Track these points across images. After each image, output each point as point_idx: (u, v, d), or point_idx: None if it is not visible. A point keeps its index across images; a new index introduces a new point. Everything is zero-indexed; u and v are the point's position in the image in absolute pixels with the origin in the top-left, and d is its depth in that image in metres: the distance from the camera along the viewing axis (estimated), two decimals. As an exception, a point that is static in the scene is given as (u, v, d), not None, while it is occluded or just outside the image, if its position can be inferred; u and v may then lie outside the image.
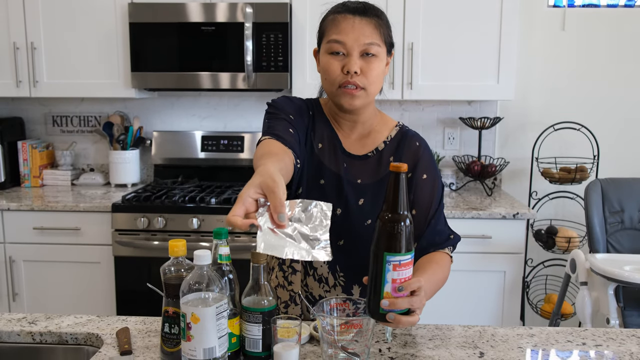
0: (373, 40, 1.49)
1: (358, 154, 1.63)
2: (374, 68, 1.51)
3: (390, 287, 1.18)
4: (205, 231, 3.04)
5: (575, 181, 3.34)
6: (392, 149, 1.63)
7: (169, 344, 1.33)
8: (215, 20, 3.20)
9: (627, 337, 1.53)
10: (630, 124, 3.64)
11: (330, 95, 1.58)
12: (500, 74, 3.23)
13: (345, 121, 1.64)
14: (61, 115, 3.81)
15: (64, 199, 3.24)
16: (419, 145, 1.64)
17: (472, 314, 3.10)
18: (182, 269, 1.31)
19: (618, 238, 2.96)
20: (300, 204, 1.17)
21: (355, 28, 1.49)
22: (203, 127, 3.76)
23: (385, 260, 1.17)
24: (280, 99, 1.64)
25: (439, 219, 1.60)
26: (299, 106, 1.64)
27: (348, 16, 1.50)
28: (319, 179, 1.60)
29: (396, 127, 1.68)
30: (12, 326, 1.54)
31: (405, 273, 1.18)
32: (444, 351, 1.42)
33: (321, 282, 1.65)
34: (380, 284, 1.18)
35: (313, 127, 1.64)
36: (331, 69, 1.51)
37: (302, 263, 1.67)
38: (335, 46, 1.50)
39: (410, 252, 1.19)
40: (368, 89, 1.52)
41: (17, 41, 3.33)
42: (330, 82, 1.53)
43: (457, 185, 3.63)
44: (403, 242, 1.17)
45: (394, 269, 1.17)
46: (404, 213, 1.18)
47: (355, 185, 1.61)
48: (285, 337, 1.31)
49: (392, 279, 1.17)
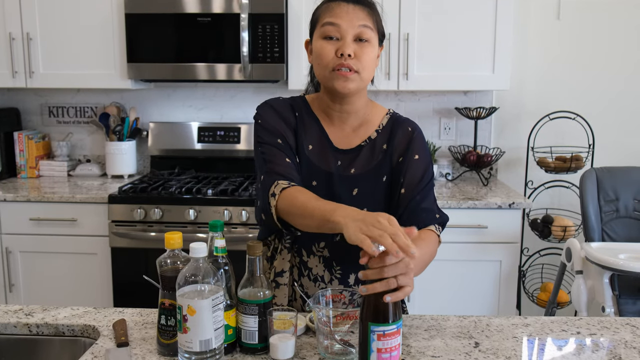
0: (366, 23, 1.52)
1: (350, 146, 1.63)
2: (367, 52, 1.52)
3: (375, 356, 1.18)
4: (202, 222, 3.04)
5: (570, 170, 3.35)
6: (385, 136, 1.64)
7: (166, 336, 1.33)
8: (211, 11, 3.19)
9: (622, 325, 1.54)
10: (625, 112, 3.65)
11: (323, 80, 1.57)
12: (496, 63, 3.23)
13: (337, 112, 1.63)
14: (57, 106, 3.80)
15: (60, 190, 3.24)
16: (411, 129, 1.65)
17: (468, 303, 3.12)
18: (178, 262, 1.32)
19: (613, 226, 2.97)
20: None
21: (349, 13, 1.51)
22: (199, 118, 3.75)
23: (369, 330, 1.18)
24: (266, 112, 1.63)
25: (426, 197, 1.59)
26: (285, 116, 1.62)
27: (342, 3, 1.53)
28: (310, 181, 1.60)
29: (387, 115, 1.68)
30: (8, 318, 1.55)
31: (390, 342, 1.18)
32: (439, 341, 1.43)
33: (317, 281, 1.64)
34: (366, 353, 1.19)
35: (302, 128, 1.63)
36: (324, 52, 1.52)
37: (294, 263, 1.65)
38: (329, 29, 1.51)
39: (396, 322, 1.18)
40: (361, 74, 1.52)
41: (13, 32, 3.32)
42: (323, 66, 1.53)
43: (453, 176, 3.64)
44: (388, 312, 1.17)
45: (379, 338, 1.17)
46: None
47: (349, 176, 1.61)
48: (281, 328, 1.31)
49: (377, 348, 1.18)
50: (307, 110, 1.66)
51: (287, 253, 1.65)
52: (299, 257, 1.65)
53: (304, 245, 1.64)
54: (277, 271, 1.66)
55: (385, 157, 1.62)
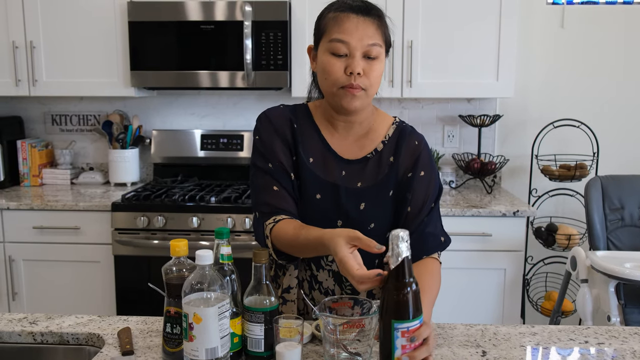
0: (376, 41, 1.47)
1: (356, 157, 1.60)
2: (375, 69, 1.49)
3: (400, 352, 1.18)
4: (205, 230, 3.03)
5: (575, 178, 3.34)
6: (391, 149, 1.61)
7: (171, 344, 1.32)
8: (214, 19, 3.19)
9: (630, 335, 1.53)
10: (629, 120, 3.64)
11: (328, 96, 1.54)
12: (500, 71, 3.23)
13: (341, 122, 1.60)
14: (60, 114, 3.80)
15: (63, 198, 3.24)
16: (417, 143, 1.62)
17: (472, 311, 3.10)
18: (184, 269, 1.31)
19: (618, 235, 2.96)
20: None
21: (359, 28, 1.46)
22: (202, 125, 3.75)
23: (393, 328, 1.17)
24: (263, 128, 1.62)
25: (431, 221, 1.58)
26: (282, 131, 1.60)
27: (351, 15, 1.47)
28: (314, 194, 1.57)
29: (393, 125, 1.65)
30: (12, 326, 1.54)
31: (413, 339, 1.19)
32: (446, 350, 1.42)
33: (327, 294, 1.62)
34: (389, 351, 1.19)
35: (302, 141, 1.60)
36: (333, 69, 1.47)
37: (305, 277, 1.64)
38: (338, 46, 1.46)
39: (418, 317, 1.19)
40: (368, 90, 1.50)
41: (16, 40, 3.32)
42: (331, 83, 1.49)
43: (457, 183, 3.63)
44: (410, 308, 1.17)
45: (402, 335, 1.18)
46: (409, 280, 1.18)
47: (355, 190, 1.58)
48: (287, 336, 1.30)
49: (402, 345, 1.18)
50: (309, 120, 1.63)
51: (294, 269, 1.64)
52: (310, 271, 1.63)
53: (314, 259, 1.62)
54: (284, 287, 1.65)
55: (391, 170, 1.59)
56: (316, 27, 1.56)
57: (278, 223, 1.49)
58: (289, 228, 1.46)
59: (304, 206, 1.57)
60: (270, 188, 1.55)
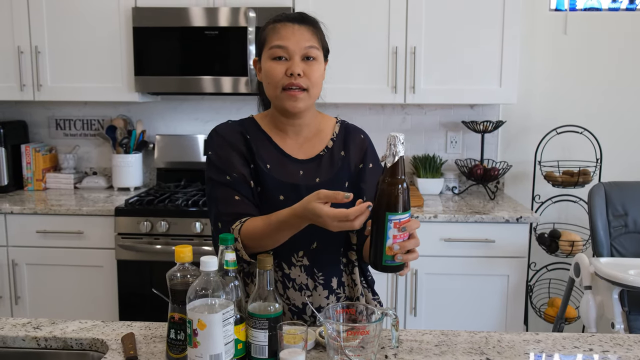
0: (312, 44, 1.60)
1: (310, 156, 1.71)
2: (315, 70, 1.61)
3: (391, 242, 1.31)
4: (208, 235, 3.03)
5: (578, 184, 3.34)
6: (340, 144, 1.73)
7: (175, 350, 1.32)
8: (218, 25, 3.20)
9: (635, 342, 1.53)
10: (633, 126, 3.64)
11: (273, 100, 1.65)
12: (503, 77, 3.23)
13: (290, 127, 1.70)
14: (64, 118, 3.81)
15: (66, 202, 3.24)
16: (363, 137, 1.77)
17: (475, 317, 3.10)
18: (188, 275, 1.31)
19: (622, 242, 2.96)
20: None
21: (295, 34, 1.59)
22: (206, 130, 3.75)
23: (387, 219, 1.30)
24: (216, 144, 1.68)
25: None
26: (234, 144, 1.67)
27: (287, 24, 1.61)
28: (277, 196, 1.65)
29: (337, 124, 1.78)
30: (16, 331, 1.54)
31: (403, 229, 1.32)
32: (450, 357, 1.42)
33: (302, 290, 1.67)
34: (382, 241, 1.31)
35: (256, 149, 1.68)
36: (275, 73, 1.59)
37: (277, 277, 1.68)
38: (278, 51, 1.59)
39: (407, 211, 1.32)
40: (310, 91, 1.61)
41: (22, 45, 3.34)
42: (274, 86, 1.60)
43: (460, 189, 3.63)
44: (402, 202, 1.30)
45: (394, 226, 1.30)
46: (402, 177, 1.31)
47: (314, 185, 1.65)
48: (291, 343, 1.30)
49: (393, 235, 1.31)
50: (258, 130, 1.72)
51: None
52: (281, 271, 1.68)
53: (284, 258, 1.67)
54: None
55: (344, 163, 1.71)
56: (257, 39, 1.70)
57: (245, 223, 1.57)
58: (257, 221, 1.55)
59: (269, 209, 1.61)
60: (232, 198, 1.62)
